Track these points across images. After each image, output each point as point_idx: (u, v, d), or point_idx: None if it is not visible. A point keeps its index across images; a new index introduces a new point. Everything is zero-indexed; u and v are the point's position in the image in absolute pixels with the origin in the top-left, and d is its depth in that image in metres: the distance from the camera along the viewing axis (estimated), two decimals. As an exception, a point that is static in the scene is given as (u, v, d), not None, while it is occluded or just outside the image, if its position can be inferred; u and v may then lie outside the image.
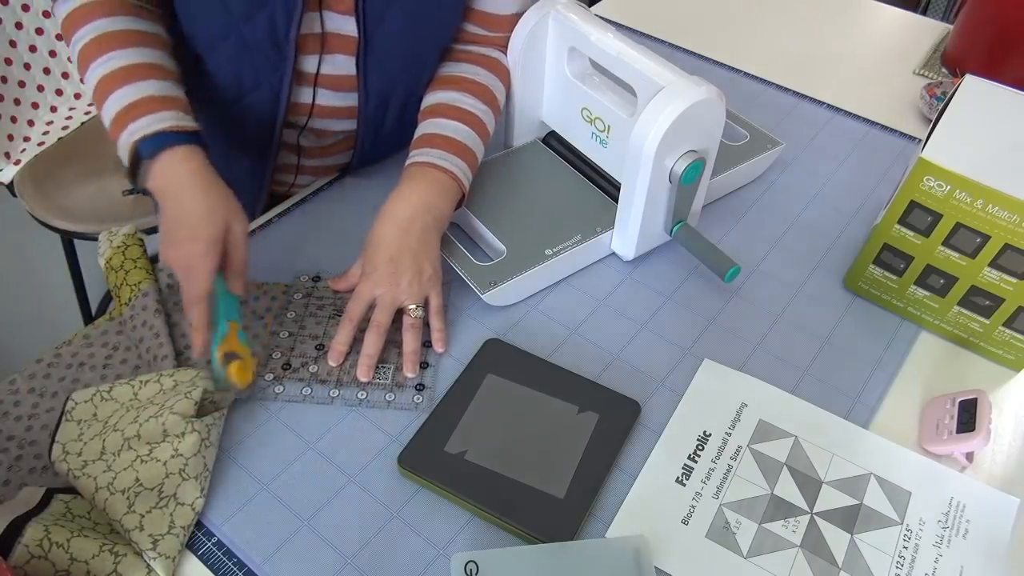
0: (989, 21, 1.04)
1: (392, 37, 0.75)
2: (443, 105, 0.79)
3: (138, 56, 0.69)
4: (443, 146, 0.76)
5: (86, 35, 0.69)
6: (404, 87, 0.81)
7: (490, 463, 0.63)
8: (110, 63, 0.68)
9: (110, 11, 0.69)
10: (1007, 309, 0.70)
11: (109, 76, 0.67)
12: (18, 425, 0.67)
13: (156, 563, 0.57)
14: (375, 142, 0.86)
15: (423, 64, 0.81)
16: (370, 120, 0.82)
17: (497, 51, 0.84)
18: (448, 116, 0.78)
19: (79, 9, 0.70)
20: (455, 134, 0.77)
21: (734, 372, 0.72)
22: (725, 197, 0.90)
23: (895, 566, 0.60)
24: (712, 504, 0.63)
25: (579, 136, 0.86)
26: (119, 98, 0.67)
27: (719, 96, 0.71)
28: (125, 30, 0.69)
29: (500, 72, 0.83)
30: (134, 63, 0.68)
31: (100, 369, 0.71)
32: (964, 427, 0.65)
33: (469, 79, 0.80)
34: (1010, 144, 0.69)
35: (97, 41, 0.68)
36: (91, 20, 0.69)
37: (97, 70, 0.68)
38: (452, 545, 0.60)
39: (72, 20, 0.70)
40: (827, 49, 1.17)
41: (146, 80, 0.68)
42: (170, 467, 0.60)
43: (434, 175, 0.74)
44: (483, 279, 0.75)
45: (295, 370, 0.70)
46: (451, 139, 0.76)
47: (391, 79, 0.79)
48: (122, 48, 0.68)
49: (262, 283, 0.78)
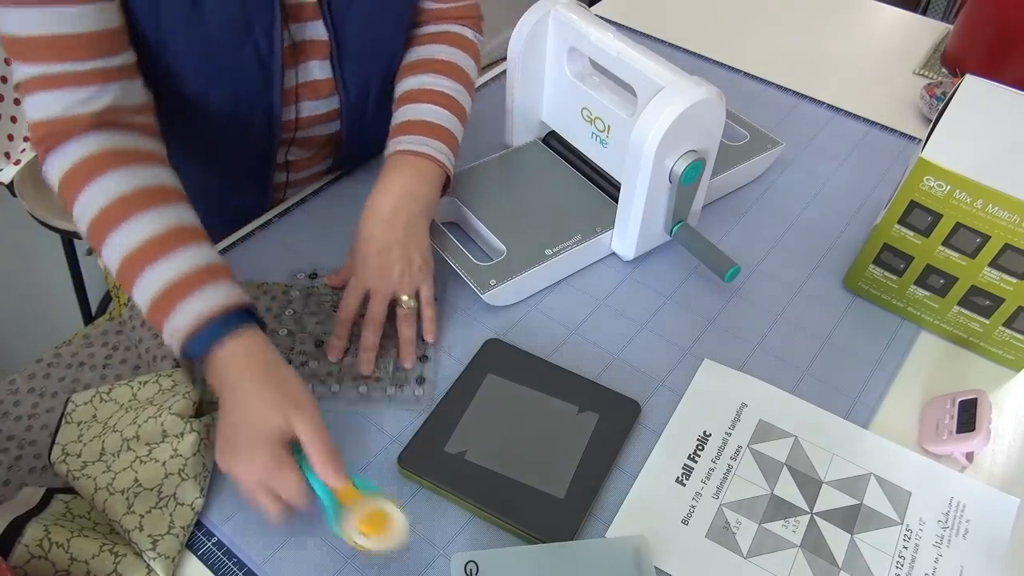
0: (989, 21, 1.04)
1: (361, 27, 0.75)
2: (415, 90, 0.78)
3: (160, 219, 0.61)
4: (421, 131, 0.75)
5: (93, 203, 0.61)
6: (380, 73, 0.81)
7: (490, 463, 0.63)
8: (131, 236, 0.60)
9: (111, 162, 0.62)
10: (1007, 309, 0.70)
11: (134, 254, 0.60)
12: (18, 425, 0.67)
13: (156, 563, 0.57)
14: (360, 138, 0.86)
15: (394, 45, 0.81)
16: (352, 117, 0.82)
17: (458, 25, 0.83)
18: (422, 100, 0.77)
19: (79, 166, 0.61)
20: (432, 117, 0.76)
21: (734, 372, 0.72)
22: (725, 197, 0.90)
23: (895, 566, 0.60)
24: (712, 504, 0.63)
25: (579, 136, 0.86)
26: (153, 279, 0.60)
27: (719, 96, 0.71)
28: (137, 189, 0.61)
29: (467, 47, 0.82)
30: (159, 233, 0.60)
31: (100, 369, 0.71)
32: (964, 427, 0.65)
33: (437, 60, 0.80)
34: (1010, 144, 0.69)
35: (107, 212, 0.60)
36: (94, 179, 0.61)
37: (117, 245, 0.60)
38: (452, 545, 0.60)
39: (72, 182, 0.61)
40: (827, 49, 1.17)
41: (176, 251, 0.60)
42: (169, 467, 0.60)
43: (415, 162, 0.73)
44: (483, 279, 0.75)
45: (295, 367, 0.70)
46: (429, 123, 0.76)
47: (366, 69, 0.79)
48: (139, 212, 0.60)
49: (261, 283, 0.78)
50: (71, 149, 0.62)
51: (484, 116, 1.00)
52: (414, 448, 0.64)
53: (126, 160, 0.62)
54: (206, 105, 0.72)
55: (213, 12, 0.66)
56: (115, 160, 0.62)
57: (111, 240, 0.60)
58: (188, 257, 0.60)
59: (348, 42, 0.75)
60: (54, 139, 0.62)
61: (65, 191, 0.62)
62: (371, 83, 0.81)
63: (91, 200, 0.61)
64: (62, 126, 0.62)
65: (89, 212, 0.61)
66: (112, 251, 0.61)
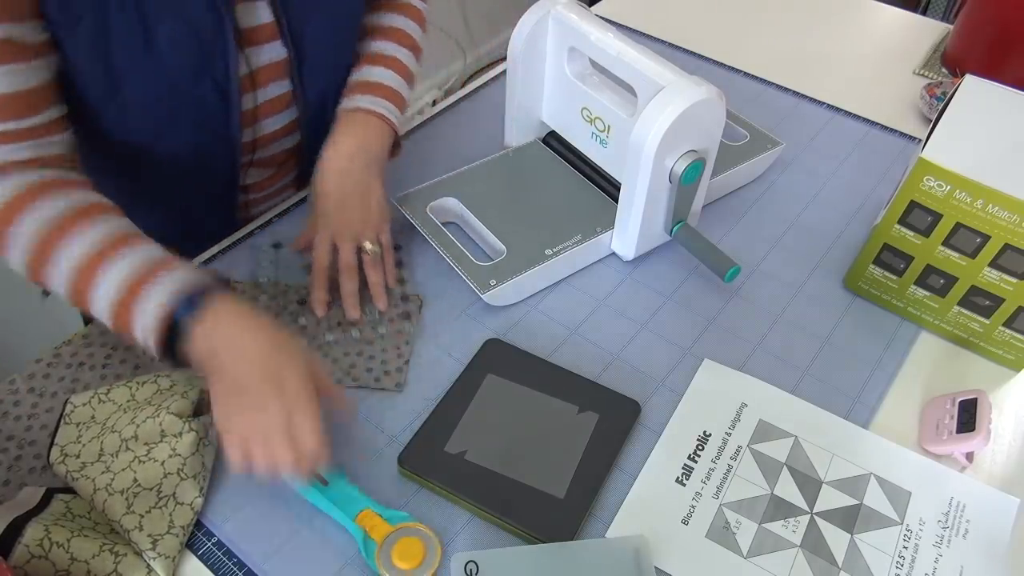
0: (989, 21, 1.04)
1: (318, 37, 0.75)
2: (369, 55, 0.80)
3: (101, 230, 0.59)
4: (368, 91, 0.77)
5: (26, 233, 0.59)
6: (337, 74, 0.81)
7: (490, 463, 0.63)
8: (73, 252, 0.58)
9: (37, 195, 0.60)
10: (1007, 309, 0.70)
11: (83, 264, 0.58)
12: (18, 425, 0.67)
13: (156, 563, 0.57)
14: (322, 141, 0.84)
15: (350, 43, 0.81)
16: (312, 125, 0.81)
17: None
18: (369, 63, 0.79)
19: (8, 204, 0.59)
20: (380, 78, 0.78)
21: (734, 372, 0.72)
22: (725, 197, 0.90)
23: (895, 566, 0.60)
24: (712, 504, 0.63)
25: (579, 136, 0.86)
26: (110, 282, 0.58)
27: (719, 96, 0.71)
28: (70, 210, 0.60)
29: (412, 13, 0.84)
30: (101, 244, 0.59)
31: (100, 369, 0.71)
32: (964, 427, 0.65)
33: (385, 26, 0.82)
34: (1010, 144, 0.69)
35: (44, 237, 0.59)
36: (24, 212, 0.59)
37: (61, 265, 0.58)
38: (452, 545, 0.60)
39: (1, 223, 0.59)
40: (827, 49, 1.16)
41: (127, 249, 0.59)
42: (168, 467, 0.60)
43: (363, 118, 0.75)
44: (483, 279, 0.75)
45: (287, 328, 0.72)
46: (376, 83, 0.78)
47: (326, 76, 0.79)
48: (78, 228, 0.59)
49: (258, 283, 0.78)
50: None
51: (484, 116, 1.00)
52: (414, 448, 0.64)
53: (50, 190, 0.61)
54: (165, 141, 0.72)
55: (168, 50, 0.64)
56: (41, 192, 0.60)
57: (55, 260, 0.58)
58: (139, 255, 0.59)
59: (309, 54, 0.74)
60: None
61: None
62: (329, 92, 0.80)
63: (23, 232, 0.59)
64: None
65: (23, 244, 0.59)
66: (57, 274, 0.59)
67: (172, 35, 0.64)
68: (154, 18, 0.63)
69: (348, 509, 0.60)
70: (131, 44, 0.63)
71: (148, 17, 0.62)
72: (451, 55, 2.34)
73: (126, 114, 0.67)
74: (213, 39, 0.66)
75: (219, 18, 0.66)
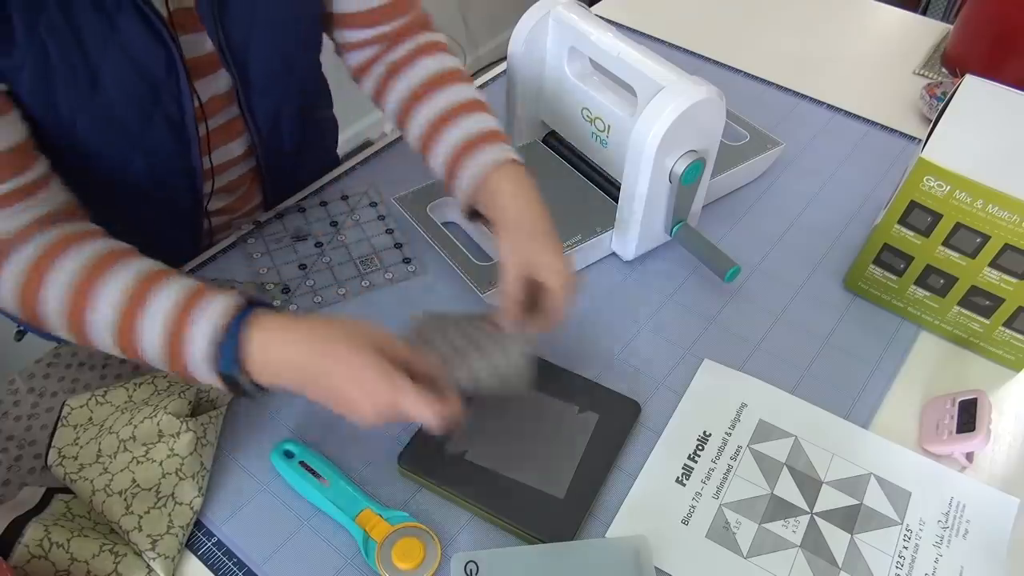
0: (989, 21, 1.04)
1: (265, 63, 0.72)
2: (447, 111, 0.73)
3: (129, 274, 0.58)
4: (487, 140, 0.71)
5: (54, 296, 0.57)
6: (291, 101, 0.79)
7: (490, 463, 0.63)
8: (107, 303, 0.57)
9: (55, 255, 0.58)
10: (1007, 309, 0.70)
11: (121, 320, 0.57)
12: (18, 425, 0.67)
13: (156, 563, 0.57)
14: (280, 164, 0.84)
15: (302, 69, 0.80)
16: (268, 146, 0.80)
17: (423, 35, 0.78)
18: (461, 114, 0.73)
19: (27, 276, 0.58)
20: (485, 124, 0.72)
21: (734, 372, 0.72)
22: (725, 197, 0.90)
23: (895, 566, 0.60)
24: (712, 504, 0.63)
25: (579, 136, 0.86)
26: (148, 337, 0.56)
27: (719, 96, 0.71)
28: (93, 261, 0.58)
29: (444, 48, 0.79)
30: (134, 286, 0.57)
31: (99, 369, 0.71)
32: (964, 427, 0.65)
33: (436, 75, 0.75)
34: (1010, 144, 0.69)
35: (73, 297, 0.57)
36: (45, 279, 0.57)
37: (98, 319, 0.57)
38: (452, 545, 0.60)
39: (27, 295, 0.58)
40: (827, 49, 1.16)
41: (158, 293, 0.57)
42: (166, 467, 0.60)
43: (509, 171, 0.69)
44: (483, 279, 0.75)
45: (295, 289, 0.76)
46: (489, 131, 0.72)
47: (275, 101, 0.77)
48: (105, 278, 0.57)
49: (258, 284, 0.78)
50: (11, 267, 0.58)
51: (484, 116, 1.00)
52: (414, 448, 0.64)
53: (66, 246, 0.59)
54: (125, 176, 0.69)
55: (114, 89, 0.62)
56: (57, 251, 0.58)
57: (89, 319, 0.57)
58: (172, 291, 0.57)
59: (253, 78, 0.72)
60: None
61: (25, 305, 0.59)
62: (282, 112, 0.79)
63: (51, 295, 0.57)
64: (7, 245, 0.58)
65: (55, 305, 0.57)
66: (96, 328, 0.57)
67: (117, 74, 0.62)
68: (96, 57, 0.60)
69: (348, 509, 0.60)
70: (75, 85, 0.60)
71: (90, 56, 0.60)
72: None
73: (80, 154, 0.65)
74: (164, 75, 0.65)
75: (168, 53, 0.63)
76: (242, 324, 0.55)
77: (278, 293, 0.77)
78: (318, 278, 0.79)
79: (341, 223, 0.85)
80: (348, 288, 0.79)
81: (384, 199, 0.88)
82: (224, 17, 0.66)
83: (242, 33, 0.68)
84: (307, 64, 0.81)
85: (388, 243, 0.83)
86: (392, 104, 0.77)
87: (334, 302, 0.77)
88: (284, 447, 0.64)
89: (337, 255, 0.82)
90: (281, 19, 0.71)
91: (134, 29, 0.61)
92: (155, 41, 0.62)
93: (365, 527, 0.59)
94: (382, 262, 0.81)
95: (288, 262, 0.81)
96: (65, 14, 0.57)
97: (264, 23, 0.69)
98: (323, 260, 0.81)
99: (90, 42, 0.59)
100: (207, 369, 0.55)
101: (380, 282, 0.79)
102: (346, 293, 0.78)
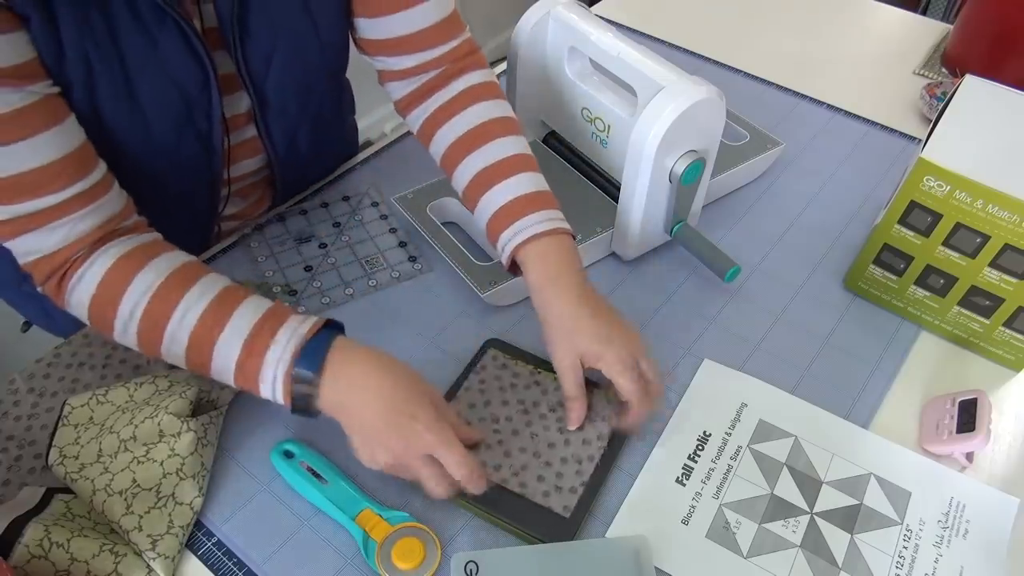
0: (989, 21, 1.04)
1: (282, 86, 0.72)
2: (490, 168, 0.70)
3: (206, 292, 0.60)
4: (530, 207, 0.68)
5: (135, 308, 0.59)
6: (308, 122, 0.79)
7: (497, 477, 0.63)
8: (185, 320, 0.59)
9: (133, 268, 0.60)
10: (1007, 309, 0.70)
11: (198, 334, 0.59)
12: (18, 425, 0.67)
13: (156, 563, 0.57)
14: (294, 176, 0.85)
15: (320, 93, 0.79)
16: (284, 161, 0.80)
17: (469, 72, 0.75)
18: (504, 174, 0.69)
19: (103, 287, 0.60)
20: (528, 186, 0.69)
21: (734, 372, 0.72)
22: (725, 197, 0.90)
23: (895, 566, 0.60)
24: (712, 504, 0.63)
25: (579, 136, 0.86)
26: (225, 353, 0.59)
27: (719, 96, 0.71)
28: (167, 277, 0.60)
29: (494, 91, 0.75)
30: (212, 305, 0.59)
31: (100, 369, 0.71)
32: (964, 427, 0.65)
33: (481, 124, 0.72)
34: (1010, 144, 0.69)
35: (150, 310, 0.59)
36: (124, 291, 0.59)
37: (177, 334, 0.59)
38: (452, 545, 0.60)
39: (102, 305, 0.60)
40: (827, 49, 1.16)
41: (235, 312, 0.59)
42: (167, 467, 0.60)
43: (553, 242, 0.66)
44: (483, 279, 0.75)
45: (302, 291, 0.77)
46: (528, 195, 0.68)
47: (292, 123, 0.77)
48: (183, 295, 0.59)
49: (260, 283, 0.78)
50: (88, 276, 0.60)
51: (484, 116, 1.00)
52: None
53: (142, 261, 0.60)
54: (147, 187, 0.69)
55: (151, 102, 0.63)
56: (134, 264, 0.60)
57: (169, 334, 0.59)
58: (248, 312, 0.59)
59: (271, 99, 0.73)
60: (63, 271, 0.60)
61: (99, 315, 0.60)
62: (299, 133, 0.79)
63: (131, 307, 0.59)
64: (65, 256, 0.60)
65: (135, 318, 0.59)
66: (174, 344, 0.59)
67: (154, 88, 0.63)
68: (137, 72, 0.61)
69: (348, 509, 0.60)
70: (115, 99, 0.61)
71: (129, 70, 0.61)
72: (451, 55, 2.33)
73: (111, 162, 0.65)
74: (199, 91, 0.66)
75: (203, 70, 0.64)
76: (319, 345, 0.58)
77: (285, 295, 0.77)
78: (324, 279, 0.79)
79: (344, 224, 0.85)
80: (355, 288, 0.79)
81: (385, 199, 0.88)
82: (245, 40, 0.67)
83: (262, 57, 0.69)
84: (329, 87, 0.81)
85: (392, 243, 0.83)
86: (437, 150, 0.75)
87: (342, 302, 0.77)
88: (284, 447, 0.64)
89: (342, 256, 0.82)
90: (304, 46, 0.71)
91: (173, 45, 0.62)
92: (192, 58, 0.64)
93: (365, 527, 0.59)
94: (387, 261, 0.81)
95: (293, 264, 0.81)
96: (109, 28, 0.58)
97: (285, 49, 0.70)
98: (328, 261, 0.81)
99: (130, 56, 0.60)
100: (280, 375, 0.57)
101: (387, 281, 0.80)
102: (353, 293, 0.78)
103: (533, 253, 0.66)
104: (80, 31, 0.57)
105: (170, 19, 0.60)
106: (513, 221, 0.67)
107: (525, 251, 0.66)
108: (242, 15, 0.65)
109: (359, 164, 0.94)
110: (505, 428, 0.66)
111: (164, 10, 0.59)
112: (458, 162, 0.72)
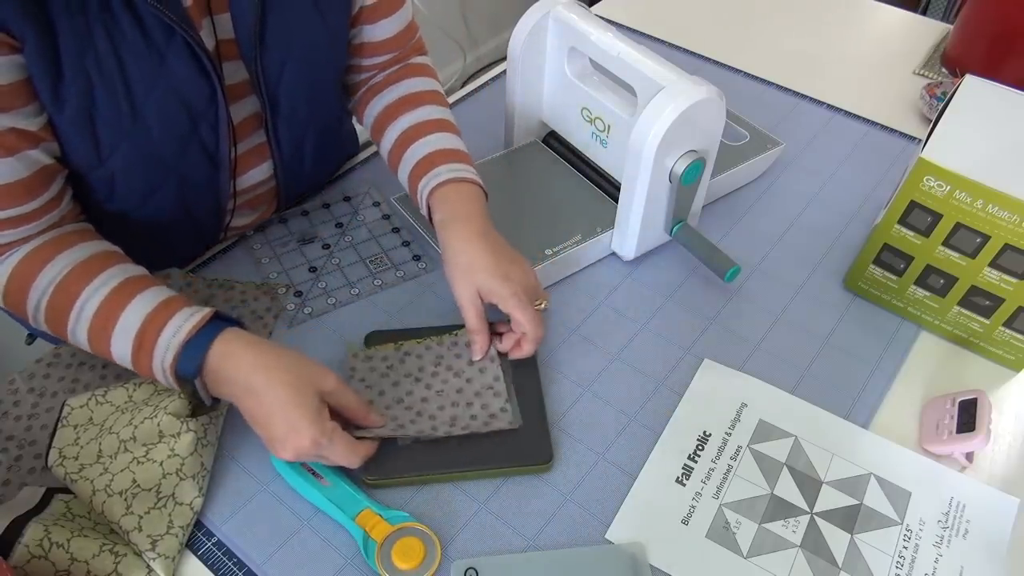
0: (989, 21, 1.04)
1: (293, 91, 0.73)
2: (415, 127, 0.76)
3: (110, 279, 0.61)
4: (445, 159, 0.74)
5: (44, 286, 0.61)
6: (314, 126, 0.79)
7: (443, 431, 0.64)
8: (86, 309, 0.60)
9: (55, 249, 0.62)
10: (1007, 309, 0.70)
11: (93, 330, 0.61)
12: (18, 425, 0.67)
13: (156, 563, 0.57)
14: (298, 184, 0.85)
15: (328, 101, 0.81)
16: (288, 173, 0.80)
17: (414, 58, 0.83)
18: (426, 132, 0.76)
19: (25, 261, 0.62)
20: (446, 143, 0.75)
21: (734, 372, 0.72)
22: (725, 197, 0.90)
23: (895, 566, 0.60)
24: (712, 504, 0.63)
25: (579, 136, 0.86)
26: (119, 349, 0.60)
27: (719, 96, 0.71)
28: (80, 263, 0.62)
29: (429, 72, 0.83)
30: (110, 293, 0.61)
31: (100, 369, 0.71)
32: (964, 427, 0.65)
33: (415, 93, 0.79)
34: (1010, 144, 0.69)
35: (60, 289, 0.61)
36: (41, 268, 0.61)
37: (77, 334, 0.61)
38: (452, 545, 0.60)
39: (20, 276, 0.62)
40: (827, 49, 1.16)
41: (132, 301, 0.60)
42: (167, 467, 0.60)
43: (460, 188, 0.71)
44: (483, 279, 0.75)
45: (308, 292, 0.77)
46: (446, 150, 0.74)
47: (300, 128, 0.77)
48: (88, 283, 0.61)
49: (261, 284, 0.78)
50: (2, 270, 0.62)
51: (484, 116, 1.00)
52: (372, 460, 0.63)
53: (52, 253, 0.62)
54: (151, 202, 0.71)
55: (155, 121, 0.64)
56: (44, 256, 0.62)
57: (70, 329, 0.61)
58: (140, 306, 0.60)
59: (283, 107, 0.73)
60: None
61: (14, 306, 0.63)
62: (305, 137, 0.79)
63: (37, 299, 0.61)
64: (5, 248, 0.62)
65: (41, 310, 0.62)
66: (77, 337, 0.62)
67: (159, 105, 0.63)
68: (141, 89, 0.61)
69: (348, 509, 0.60)
70: (116, 117, 0.61)
71: (133, 89, 0.61)
72: (451, 55, 2.33)
73: (110, 180, 0.66)
74: (205, 106, 0.66)
75: (211, 85, 0.65)
76: (212, 333, 0.59)
77: (290, 297, 0.77)
78: (329, 280, 0.79)
79: (347, 224, 0.85)
80: (360, 288, 0.79)
81: (385, 198, 0.88)
82: (262, 49, 0.67)
83: (277, 64, 0.69)
84: (332, 88, 0.81)
85: (396, 242, 0.83)
86: (368, 119, 0.82)
87: (348, 302, 0.77)
88: None
89: (346, 256, 0.82)
90: (316, 51, 0.73)
91: (181, 63, 0.62)
92: (200, 75, 0.64)
93: (365, 527, 0.59)
94: (392, 260, 0.81)
95: (297, 265, 0.81)
96: (114, 48, 0.59)
97: (299, 55, 0.71)
98: (333, 261, 0.81)
99: (135, 76, 0.61)
100: (168, 366, 0.59)
101: (392, 280, 0.80)
102: (359, 293, 0.78)
103: (441, 197, 0.71)
104: (81, 49, 0.57)
105: (178, 36, 0.61)
106: (429, 170, 0.73)
107: (435, 196, 0.72)
108: (261, 30, 0.66)
109: (359, 164, 0.94)
110: (414, 399, 0.66)
111: (172, 28, 0.60)
112: (386, 126, 0.78)
